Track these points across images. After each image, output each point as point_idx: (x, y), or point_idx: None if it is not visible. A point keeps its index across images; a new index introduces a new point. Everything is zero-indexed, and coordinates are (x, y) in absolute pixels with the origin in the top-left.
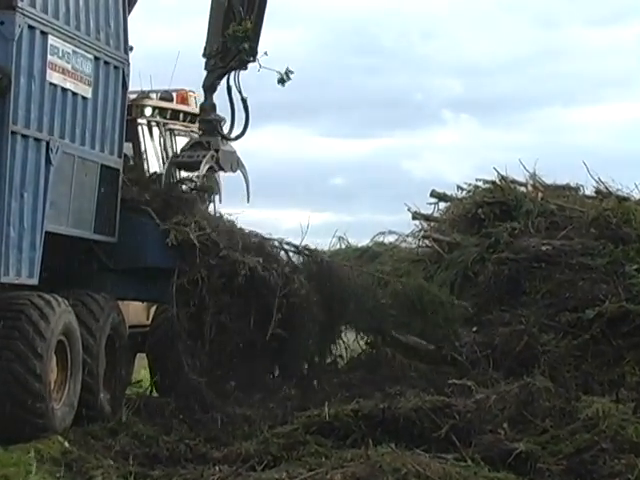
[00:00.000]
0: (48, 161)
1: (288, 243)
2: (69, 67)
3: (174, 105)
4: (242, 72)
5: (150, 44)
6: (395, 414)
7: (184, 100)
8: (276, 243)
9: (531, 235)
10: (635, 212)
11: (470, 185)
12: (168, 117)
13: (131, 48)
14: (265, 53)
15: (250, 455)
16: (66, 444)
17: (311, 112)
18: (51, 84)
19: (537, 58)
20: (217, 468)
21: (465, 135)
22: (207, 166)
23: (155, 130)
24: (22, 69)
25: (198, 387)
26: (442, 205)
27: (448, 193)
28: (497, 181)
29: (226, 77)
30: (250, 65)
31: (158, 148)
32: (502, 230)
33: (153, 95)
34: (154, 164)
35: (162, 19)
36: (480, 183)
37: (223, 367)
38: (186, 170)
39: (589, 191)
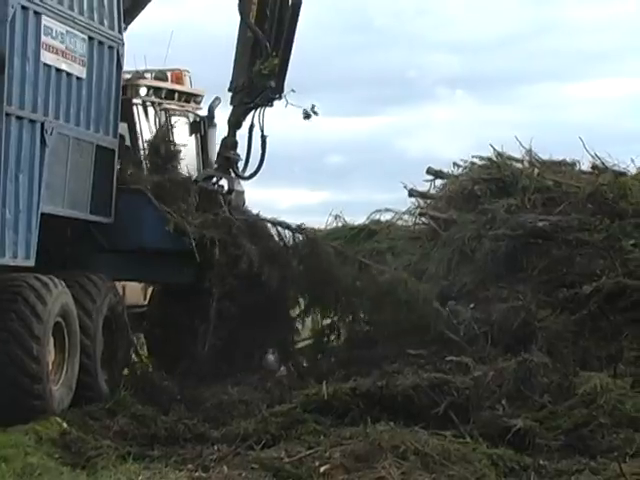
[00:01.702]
0: (43, 142)
1: (282, 223)
2: (63, 47)
3: (169, 85)
4: (267, 109)
5: (144, 23)
6: (393, 392)
7: (179, 79)
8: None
9: (528, 211)
10: (631, 187)
11: (466, 162)
12: (163, 97)
13: (125, 28)
14: (292, 90)
15: (249, 434)
16: (64, 425)
17: (306, 91)
18: (45, 65)
19: (532, 34)
20: (216, 447)
21: (461, 112)
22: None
23: (150, 110)
24: (16, 50)
25: (198, 367)
26: (438, 182)
27: (444, 170)
28: (493, 158)
29: (251, 114)
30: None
31: (154, 128)
32: (499, 207)
33: (148, 75)
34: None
35: None
36: (476, 160)
37: (223, 349)
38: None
39: (585, 166)
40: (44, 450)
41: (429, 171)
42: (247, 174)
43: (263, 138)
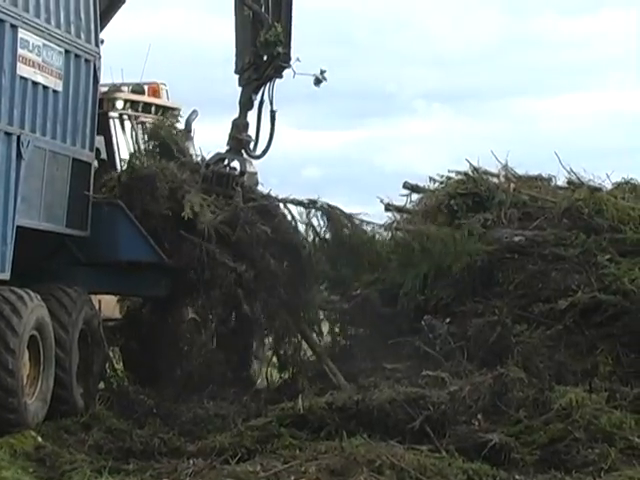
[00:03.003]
0: (19, 155)
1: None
2: (39, 60)
3: (146, 98)
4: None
5: (121, 37)
6: (369, 406)
7: (156, 93)
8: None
9: (504, 226)
10: (607, 202)
11: (442, 177)
12: (140, 110)
13: (102, 41)
14: (297, 59)
15: (224, 448)
16: (39, 439)
17: (284, 104)
18: (21, 78)
19: (509, 48)
20: (191, 462)
21: (438, 126)
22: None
23: (127, 123)
24: None
25: (170, 383)
26: (415, 197)
27: (420, 185)
28: (469, 172)
29: (261, 90)
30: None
31: (130, 141)
32: (475, 221)
33: (124, 88)
34: (126, 157)
35: (133, 11)
36: (452, 174)
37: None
38: (218, 184)
39: (561, 182)
40: (19, 464)
41: (405, 185)
42: (257, 153)
43: (272, 114)
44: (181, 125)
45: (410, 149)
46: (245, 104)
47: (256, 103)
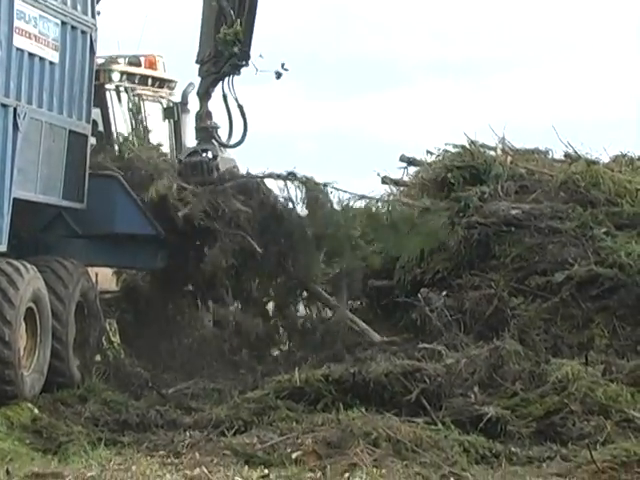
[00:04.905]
0: (15, 127)
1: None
2: (36, 32)
3: (142, 70)
4: (236, 77)
5: (117, 8)
6: (366, 378)
7: (152, 65)
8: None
9: (500, 199)
10: (604, 175)
11: (439, 149)
12: (136, 82)
13: (98, 12)
14: (260, 56)
15: (221, 420)
16: (36, 411)
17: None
18: (18, 49)
19: (510, 19)
20: (188, 434)
21: (435, 98)
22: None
23: (123, 95)
24: None
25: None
26: (411, 169)
27: (417, 157)
28: (466, 145)
29: (220, 83)
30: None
31: (127, 113)
32: (472, 194)
33: (121, 60)
34: (123, 130)
35: None
36: (449, 147)
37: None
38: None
39: (558, 155)
40: (15, 436)
41: (402, 158)
42: (232, 143)
43: (240, 107)
44: (177, 97)
45: (407, 121)
46: (203, 95)
47: (219, 95)
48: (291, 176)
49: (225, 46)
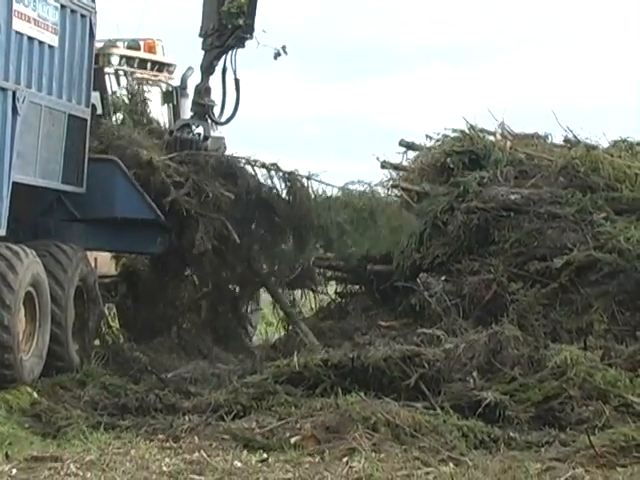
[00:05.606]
0: (15, 111)
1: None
2: (35, 15)
3: (141, 54)
4: (239, 51)
5: None
6: (364, 363)
7: (151, 49)
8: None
9: (500, 184)
10: (603, 161)
11: (439, 134)
12: (135, 66)
13: None
14: (263, 31)
15: (220, 405)
16: (35, 395)
17: (278, 61)
18: (17, 33)
19: (508, 4)
20: (187, 418)
21: (435, 83)
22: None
23: (122, 79)
24: None
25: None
26: (411, 154)
27: (417, 142)
28: (466, 130)
29: (223, 57)
30: (248, 42)
31: (126, 97)
32: (471, 179)
33: (120, 44)
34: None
35: None
36: (449, 132)
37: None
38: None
39: (557, 140)
40: (14, 419)
41: (401, 143)
42: (223, 119)
43: (236, 81)
44: (176, 81)
45: (407, 106)
46: (207, 69)
47: (219, 69)
48: (274, 167)
49: (229, 19)
